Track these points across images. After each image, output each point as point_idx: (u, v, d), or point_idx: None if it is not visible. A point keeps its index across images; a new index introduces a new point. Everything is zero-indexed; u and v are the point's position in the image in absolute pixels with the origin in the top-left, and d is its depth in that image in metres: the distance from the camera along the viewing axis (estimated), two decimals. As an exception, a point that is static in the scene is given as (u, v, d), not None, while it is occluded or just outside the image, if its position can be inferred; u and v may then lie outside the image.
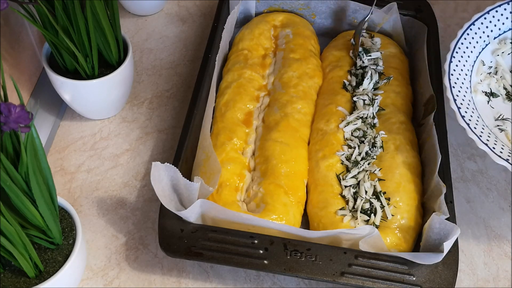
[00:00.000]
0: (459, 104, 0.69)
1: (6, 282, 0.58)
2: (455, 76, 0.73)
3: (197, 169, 0.71)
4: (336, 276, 0.61)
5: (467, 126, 0.67)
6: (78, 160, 0.79)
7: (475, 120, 0.69)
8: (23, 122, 0.46)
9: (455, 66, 0.74)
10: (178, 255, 0.63)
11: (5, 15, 0.70)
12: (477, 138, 0.66)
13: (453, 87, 0.71)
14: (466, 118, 0.68)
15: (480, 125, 0.69)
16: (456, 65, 0.74)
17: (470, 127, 0.67)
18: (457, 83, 0.72)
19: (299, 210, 0.70)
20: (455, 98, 0.70)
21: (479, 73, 0.78)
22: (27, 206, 0.55)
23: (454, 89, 0.71)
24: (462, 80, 0.74)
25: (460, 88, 0.72)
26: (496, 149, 0.66)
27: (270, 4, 0.91)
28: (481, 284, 0.70)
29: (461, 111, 0.69)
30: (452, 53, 0.75)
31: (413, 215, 0.68)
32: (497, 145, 0.67)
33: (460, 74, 0.74)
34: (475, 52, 0.78)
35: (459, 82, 0.73)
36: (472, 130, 0.67)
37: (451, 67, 0.73)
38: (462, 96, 0.71)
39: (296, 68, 0.82)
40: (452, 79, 0.72)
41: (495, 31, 0.79)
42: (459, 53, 0.75)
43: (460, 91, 0.72)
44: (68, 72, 0.75)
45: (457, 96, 0.70)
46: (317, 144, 0.75)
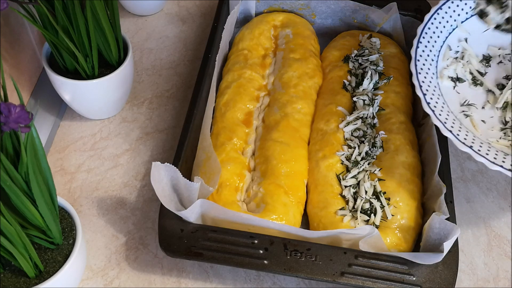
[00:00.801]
0: (424, 90, 0.69)
1: (6, 282, 0.58)
2: (421, 62, 0.71)
3: (197, 169, 0.71)
4: (336, 276, 0.61)
5: (431, 112, 0.67)
6: (78, 160, 0.79)
7: (440, 106, 0.69)
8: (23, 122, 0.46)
9: (421, 52, 0.73)
10: (178, 255, 0.63)
11: (5, 15, 0.70)
12: (442, 124, 0.66)
13: (419, 73, 0.70)
14: (432, 104, 0.67)
15: (445, 112, 0.68)
16: (423, 50, 0.73)
17: (435, 114, 0.67)
18: (423, 69, 0.71)
19: (299, 210, 0.70)
20: (420, 85, 0.69)
21: (446, 58, 0.77)
22: (27, 206, 0.55)
23: (420, 75, 0.70)
24: (428, 66, 0.72)
25: (426, 74, 0.71)
26: (460, 136, 0.65)
27: (270, 4, 0.91)
28: (481, 284, 0.70)
29: (427, 98, 0.68)
30: (418, 38, 0.74)
31: (413, 215, 0.68)
32: (461, 132, 0.66)
33: (426, 60, 0.73)
34: (442, 37, 0.76)
35: (425, 68, 0.72)
36: (437, 116, 0.66)
37: (417, 52, 0.72)
38: (428, 82, 0.70)
39: (296, 68, 0.82)
40: (418, 65, 0.71)
41: (462, 15, 0.78)
42: (426, 38, 0.74)
43: (426, 77, 0.71)
44: (68, 72, 0.75)
45: (423, 82, 0.69)
46: (317, 144, 0.75)
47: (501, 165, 0.62)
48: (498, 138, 0.69)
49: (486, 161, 0.63)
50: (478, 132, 0.70)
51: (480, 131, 0.71)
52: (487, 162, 0.63)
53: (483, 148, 0.65)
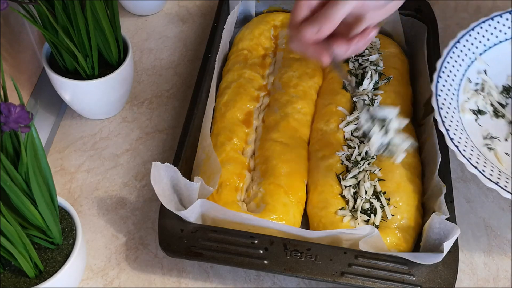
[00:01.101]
0: (447, 126, 0.68)
1: (6, 282, 0.58)
2: (442, 97, 0.71)
3: (197, 169, 0.71)
4: (336, 276, 0.61)
5: (456, 148, 0.66)
6: (78, 160, 0.79)
7: (464, 141, 0.68)
8: (23, 122, 0.46)
9: (442, 86, 0.72)
10: (178, 255, 0.63)
11: (5, 15, 0.70)
12: (467, 161, 0.65)
13: (441, 108, 0.70)
14: (455, 140, 0.67)
15: (469, 147, 0.68)
16: (443, 85, 0.73)
17: (460, 150, 0.66)
18: (444, 104, 0.70)
19: (299, 210, 0.70)
20: (443, 120, 0.68)
21: (466, 91, 0.76)
22: (27, 206, 0.55)
23: (442, 110, 0.69)
24: (450, 100, 0.72)
25: (448, 109, 0.70)
26: (486, 172, 0.65)
27: (270, 4, 0.91)
28: (481, 284, 0.70)
29: (450, 133, 0.67)
30: (438, 73, 0.73)
31: (413, 215, 0.68)
32: (486, 167, 0.66)
33: (447, 94, 0.72)
34: (461, 70, 0.76)
35: (447, 102, 0.71)
36: (461, 153, 0.66)
37: (438, 87, 0.72)
38: (450, 117, 0.70)
39: (296, 68, 0.82)
40: (439, 100, 0.70)
41: (480, 47, 0.78)
42: (445, 72, 0.74)
43: (448, 112, 0.70)
44: (68, 72, 0.75)
45: (445, 117, 0.69)
46: (317, 144, 0.75)
47: None
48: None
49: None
50: (503, 166, 0.70)
51: (505, 164, 0.70)
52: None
53: (509, 183, 0.64)
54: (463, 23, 0.98)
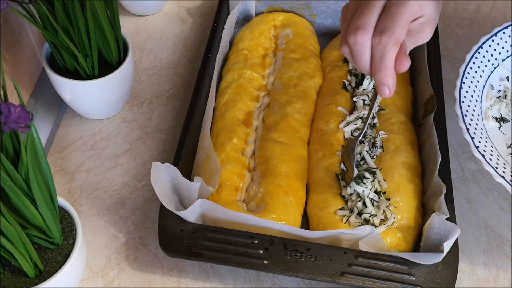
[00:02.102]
0: (472, 134, 0.66)
1: (6, 282, 0.58)
2: (466, 104, 0.69)
3: (197, 169, 0.71)
4: (336, 276, 0.61)
5: (482, 157, 0.64)
6: (78, 160, 0.79)
7: (490, 150, 0.66)
8: (23, 122, 0.46)
9: (465, 93, 0.70)
10: (178, 255, 0.63)
11: (5, 15, 0.70)
12: (493, 170, 0.63)
13: (465, 115, 0.67)
14: (481, 149, 0.65)
15: (494, 156, 0.66)
16: (466, 91, 0.71)
17: (486, 159, 0.64)
18: (468, 111, 0.68)
19: (299, 210, 0.70)
20: (468, 128, 0.66)
21: (489, 98, 0.75)
22: (27, 206, 0.55)
23: (466, 117, 0.67)
24: (473, 107, 0.70)
25: (472, 116, 0.68)
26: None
27: (270, 4, 0.91)
28: (481, 284, 0.70)
29: (475, 142, 0.65)
30: (461, 79, 0.71)
31: (413, 215, 0.68)
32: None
33: (470, 101, 0.70)
34: (484, 77, 0.75)
35: (470, 109, 0.69)
36: (487, 162, 0.64)
37: (461, 93, 0.69)
38: (474, 125, 0.68)
39: (296, 68, 0.82)
40: (463, 106, 0.68)
41: (502, 53, 0.77)
42: (469, 78, 0.72)
43: (472, 119, 0.68)
44: (68, 72, 0.75)
45: (470, 125, 0.67)
46: (317, 144, 0.75)
47: None
48: None
49: None
50: None
51: None
52: None
53: None
54: (463, 23, 0.98)
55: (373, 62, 0.55)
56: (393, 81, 0.56)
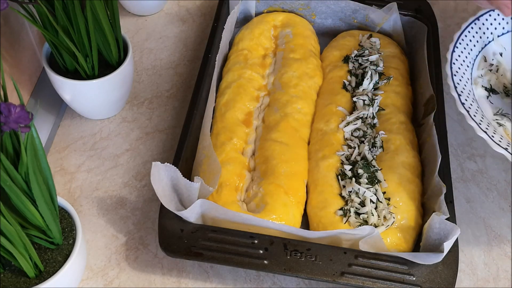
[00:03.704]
0: (459, 91, 0.69)
1: (6, 282, 0.58)
2: (456, 66, 0.72)
3: (197, 169, 0.71)
4: (336, 276, 0.61)
5: (466, 112, 0.66)
6: (78, 160, 0.79)
7: (475, 109, 0.68)
8: (23, 122, 0.46)
9: (457, 56, 0.73)
10: (178, 255, 0.63)
11: (5, 15, 0.70)
12: (476, 125, 0.65)
13: (454, 75, 0.70)
14: (466, 105, 0.67)
15: (479, 114, 0.68)
16: (459, 55, 0.73)
17: (470, 114, 0.66)
18: (458, 72, 0.71)
19: (299, 210, 0.70)
20: (456, 86, 0.69)
21: (480, 68, 0.78)
22: (27, 206, 0.55)
23: (455, 77, 0.70)
24: (464, 70, 0.73)
25: (461, 78, 0.71)
26: (495, 138, 0.65)
27: (270, 4, 0.91)
28: (481, 284, 0.70)
29: (461, 98, 0.68)
30: (455, 43, 0.74)
31: (413, 215, 0.68)
32: (496, 135, 0.66)
33: (461, 64, 0.73)
34: (478, 47, 0.77)
35: (460, 72, 0.72)
36: (471, 117, 0.66)
37: (453, 56, 0.73)
38: (462, 85, 0.70)
39: (296, 68, 0.82)
40: (453, 67, 0.71)
41: (499, 29, 0.79)
42: (462, 44, 0.75)
43: (461, 80, 0.71)
44: (68, 72, 0.75)
45: (458, 84, 0.70)
46: (317, 144, 0.75)
47: None
48: None
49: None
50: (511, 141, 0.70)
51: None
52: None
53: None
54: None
55: None
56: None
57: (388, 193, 0.69)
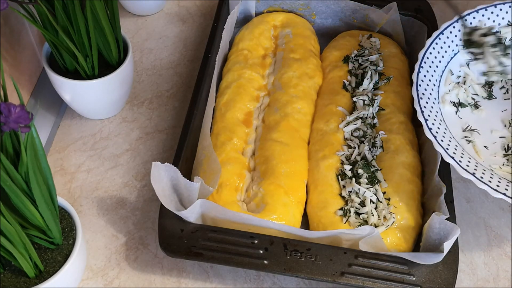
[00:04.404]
0: (426, 116, 0.68)
1: (6, 282, 0.58)
2: (423, 87, 0.72)
3: (197, 169, 0.71)
4: (336, 276, 0.61)
5: (433, 138, 0.66)
6: (78, 160, 0.79)
7: (443, 132, 0.68)
8: (23, 122, 0.46)
9: (423, 77, 0.73)
10: (178, 255, 0.63)
11: (5, 15, 0.70)
12: (444, 151, 0.65)
13: (421, 98, 0.70)
14: (433, 130, 0.67)
15: (447, 137, 0.68)
16: (424, 75, 0.73)
17: (437, 140, 0.66)
18: (425, 94, 0.71)
19: (299, 210, 0.70)
20: (422, 110, 0.69)
21: (448, 83, 0.77)
22: (27, 206, 0.55)
23: (422, 100, 0.70)
24: (430, 90, 0.72)
25: (428, 100, 0.71)
26: (462, 162, 0.65)
27: (270, 4, 0.91)
28: (481, 284, 0.70)
29: (428, 123, 0.68)
30: (420, 63, 0.74)
31: (413, 215, 0.68)
32: (464, 158, 0.66)
33: (428, 84, 0.73)
34: (444, 62, 0.77)
35: (427, 93, 0.72)
36: (439, 143, 0.66)
37: (419, 77, 0.72)
38: (429, 108, 0.70)
39: (296, 68, 0.82)
40: (420, 89, 0.71)
41: None
42: (427, 63, 0.74)
43: (428, 102, 0.71)
44: (68, 72, 0.75)
45: (425, 107, 0.69)
46: (317, 144, 0.75)
47: (504, 193, 0.62)
48: (501, 164, 0.69)
49: (489, 189, 0.62)
50: (481, 158, 0.70)
51: (483, 157, 0.71)
52: (490, 189, 0.62)
53: (485, 175, 0.64)
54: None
55: None
56: None
57: (388, 193, 0.69)
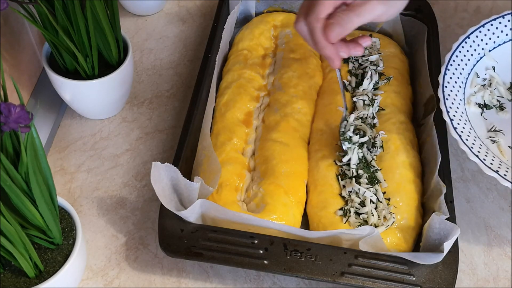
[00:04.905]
0: (451, 116, 0.70)
1: (6, 282, 0.58)
2: (448, 88, 0.73)
3: (197, 169, 0.71)
4: (336, 276, 0.61)
5: (459, 137, 0.68)
6: (78, 160, 0.79)
7: (467, 131, 0.70)
8: (23, 122, 0.46)
9: (449, 79, 0.74)
10: (178, 255, 0.63)
11: (5, 15, 0.70)
12: (469, 149, 0.67)
13: (447, 99, 0.72)
14: (458, 129, 0.69)
15: (472, 137, 0.70)
16: (450, 77, 0.75)
17: (462, 139, 0.68)
18: (450, 95, 0.73)
19: (299, 210, 0.70)
20: (448, 110, 0.70)
21: (473, 85, 0.78)
22: (27, 206, 0.55)
23: (447, 101, 0.72)
24: (456, 92, 0.74)
25: (453, 100, 0.73)
26: (486, 160, 0.67)
27: (270, 4, 0.91)
28: (481, 284, 0.70)
29: (454, 123, 0.69)
30: (446, 65, 0.75)
31: (413, 215, 0.68)
32: (488, 156, 0.68)
33: (454, 86, 0.74)
34: (470, 65, 0.78)
35: (453, 94, 0.73)
36: (464, 141, 0.68)
37: (445, 79, 0.74)
38: (455, 108, 0.72)
39: (296, 68, 0.82)
40: (445, 91, 0.73)
41: (489, 44, 0.80)
42: (454, 65, 0.76)
43: (453, 103, 0.72)
44: (68, 72, 0.75)
45: (450, 108, 0.71)
46: (317, 144, 0.75)
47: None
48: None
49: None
50: (505, 158, 0.72)
51: (507, 157, 0.72)
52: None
53: (509, 173, 0.66)
54: (463, 23, 0.98)
55: None
56: (331, 51, 0.61)
57: (388, 193, 0.69)
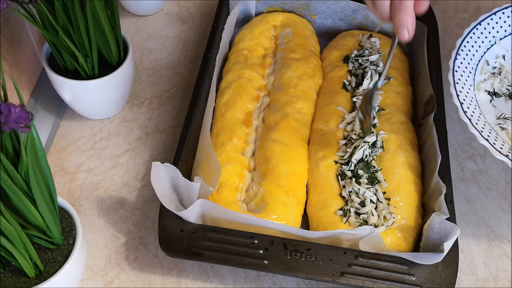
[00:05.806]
0: (461, 99, 0.70)
1: (6, 282, 0.58)
2: (459, 73, 0.73)
3: (197, 169, 0.71)
4: (336, 276, 0.61)
5: (468, 121, 0.68)
6: (78, 160, 0.79)
7: (477, 116, 0.70)
8: (23, 122, 0.46)
9: (459, 64, 0.74)
10: (178, 255, 0.63)
11: (5, 15, 0.70)
12: (478, 133, 0.67)
13: (457, 83, 0.72)
14: (468, 113, 0.69)
15: (481, 121, 0.70)
16: (461, 62, 0.75)
17: (472, 123, 0.68)
18: (460, 80, 0.73)
19: (299, 210, 0.70)
20: (458, 94, 0.70)
21: (483, 72, 0.79)
22: (27, 206, 0.55)
23: (457, 85, 0.72)
24: (466, 77, 0.74)
25: (463, 85, 0.73)
26: (496, 145, 0.66)
27: (270, 4, 0.91)
28: (481, 284, 0.70)
29: (464, 107, 0.69)
30: (457, 50, 0.76)
31: (413, 215, 0.68)
32: (497, 141, 0.67)
33: (464, 71, 0.74)
34: (480, 52, 0.78)
35: (463, 79, 0.73)
36: (473, 125, 0.68)
37: (455, 64, 0.74)
38: (465, 93, 0.72)
39: (296, 68, 0.82)
40: (456, 75, 0.73)
41: (501, 32, 0.80)
42: (464, 51, 0.76)
43: (463, 87, 0.72)
44: (68, 72, 0.75)
45: (460, 92, 0.71)
46: (316, 144, 0.75)
47: None
48: None
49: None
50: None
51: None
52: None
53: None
54: (463, 23, 0.98)
55: (393, 5, 0.60)
56: (412, 22, 0.60)
57: (388, 193, 0.69)
